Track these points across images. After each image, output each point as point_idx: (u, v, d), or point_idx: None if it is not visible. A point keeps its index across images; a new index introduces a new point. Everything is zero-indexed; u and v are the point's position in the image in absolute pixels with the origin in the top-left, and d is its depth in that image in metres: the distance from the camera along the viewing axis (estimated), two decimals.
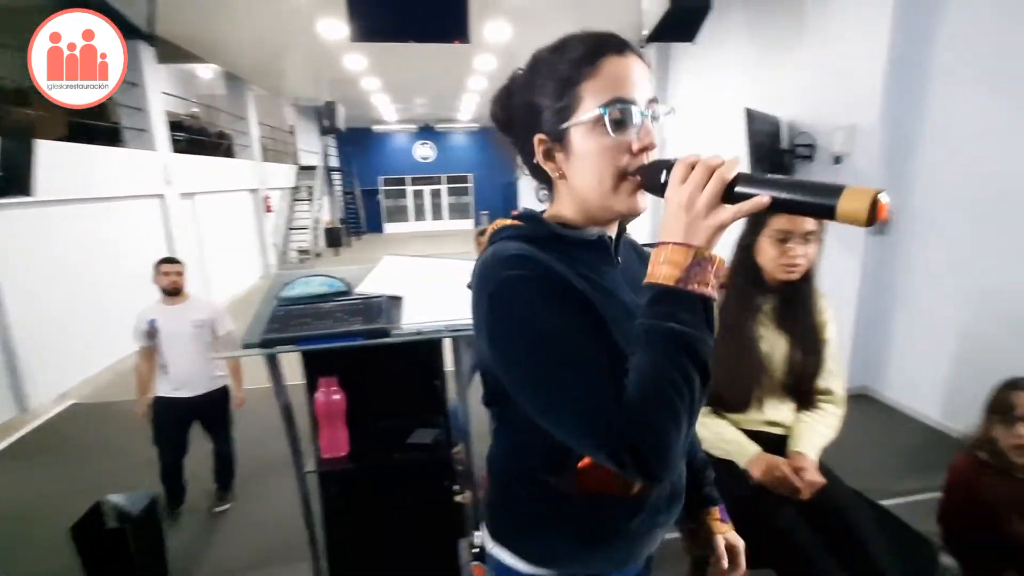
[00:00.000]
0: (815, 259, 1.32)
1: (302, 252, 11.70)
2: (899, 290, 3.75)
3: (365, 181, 17.53)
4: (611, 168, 0.64)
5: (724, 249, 0.68)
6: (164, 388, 2.52)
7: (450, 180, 18.64)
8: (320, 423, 1.28)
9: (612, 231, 0.74)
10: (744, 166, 2.64)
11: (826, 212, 0.52)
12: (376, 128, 17.14)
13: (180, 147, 7.24)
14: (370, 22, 3.48)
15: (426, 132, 17.76)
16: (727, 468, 1.27)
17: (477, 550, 1.34)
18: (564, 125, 0.65)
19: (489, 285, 0.63)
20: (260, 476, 2.95)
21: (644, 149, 0.64)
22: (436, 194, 18.80)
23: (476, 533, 1.40)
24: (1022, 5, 2.89)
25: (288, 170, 12.25)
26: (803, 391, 1.36)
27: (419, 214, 18.82)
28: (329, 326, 1.19)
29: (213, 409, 2.63)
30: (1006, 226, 3.01)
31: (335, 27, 6.26)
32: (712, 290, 0.56)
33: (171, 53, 6.98)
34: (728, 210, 0.56)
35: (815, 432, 1.31)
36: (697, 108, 6.20)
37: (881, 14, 3.50)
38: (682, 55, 6.30)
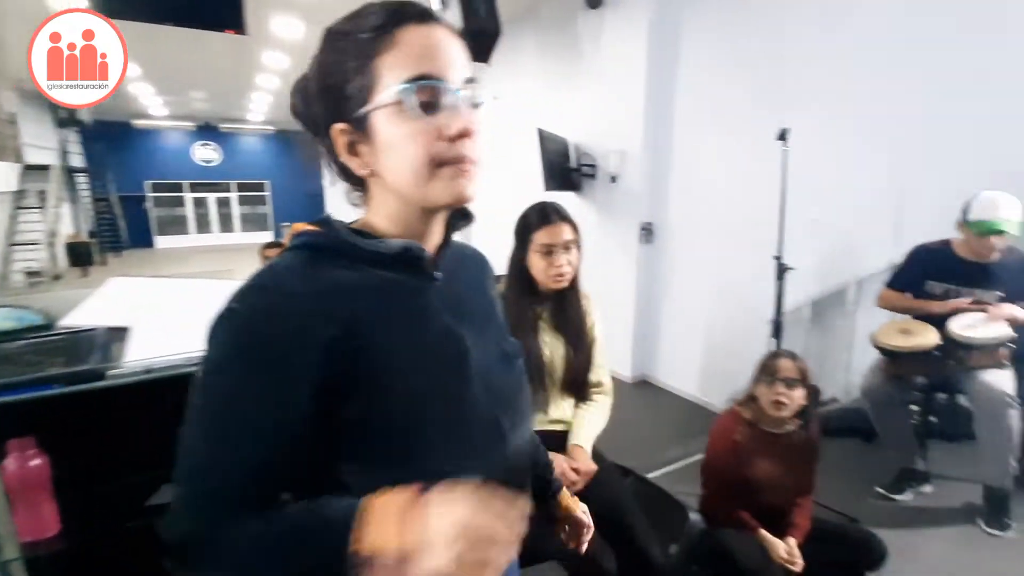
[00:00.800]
0: (578, 265, 1.47)
1: (32, 274, 9.16)
2: (665, 289, 4.43)
3: (126, 186, 14.51)
4: (423, 154, 0.53)
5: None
6: None
7: (242, 187, 16.54)
8: (13, 499, 0.93)
9: (433, 240, 0.62)
10: (539, 182, 2.77)
11: None
12: (138, 123, 14.36)
13: None
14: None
15: (208, 132, 15.46)
16: None
17: None
18: (363, 110, 0.54)
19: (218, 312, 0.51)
20: None
21: (461, 136, 0.54)
22: (225, 203, 16.49)
23: None
24: (729, 69, 3.67)
25: (5, 169, 9.49)
26: (579, 387, 1.50)
27: (203, 225, 16.27)
28: (15, 372, 0.87)
29: None
30: (737, 233, 3.75)
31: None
32: None
33: None
34: None
35: (589, 424, 1.47)
36: (493, 125, 6.54)
37: (638, 66, 4.15)
38: (483, 75, 6.58)
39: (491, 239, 5.91)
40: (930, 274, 2.16)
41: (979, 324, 1.96)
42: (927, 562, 1.77)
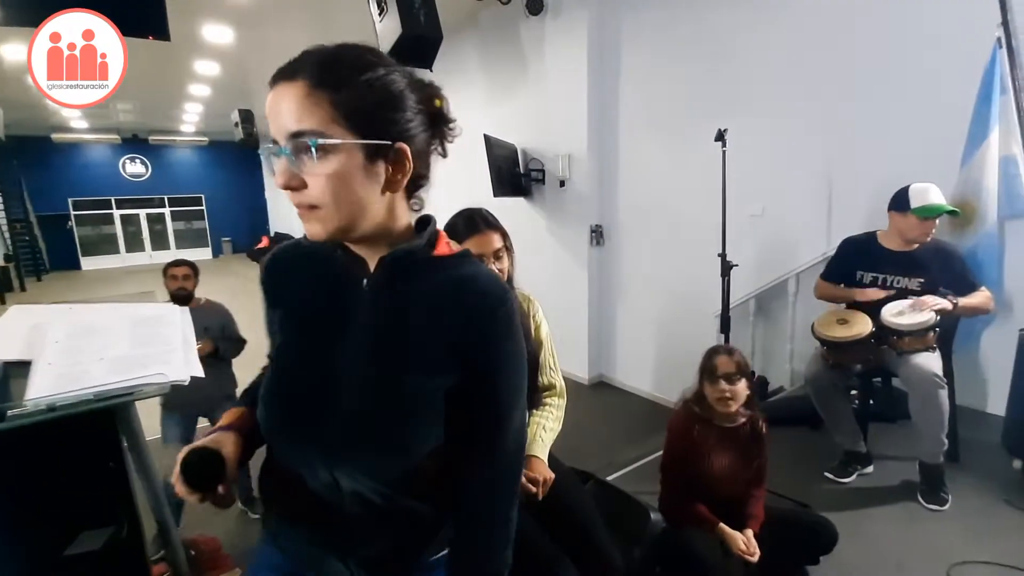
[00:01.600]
0: (511, 270, 1.41)
1: None
2: (618, 289, 4.49)
3: (46, 204, 13.47)
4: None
5: None
6: None
7: (175, 203, 15.67)
8: None
9: (374, 252, 0.69)
10: (487, 187, 2.77)
11: None
12: (58, 138, 13.37)
13: None
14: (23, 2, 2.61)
15: (136, 145, 14.56)
16: None
17: None
18: None
19: None
20: None
21: (287, 188, 0.62)
22: (158, 219, 15.56)
23: None
24: (668, 74, 3.78)
25: None
26: (529, 394, 1.44)
27: (134, 244, 15.29)
28: None
29: None
30: (683, 232, 3.85)
31: None
32: None
33: None
34: None
35: (545, 431, 1.41)
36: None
37: (580, 72, 4.22)
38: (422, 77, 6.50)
39: None
40: (859, 264, 2.28)
41: (908, 311, 2.08)
42: (873, 541, 1.85)
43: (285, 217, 15.08)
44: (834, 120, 2.95)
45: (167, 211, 15.62)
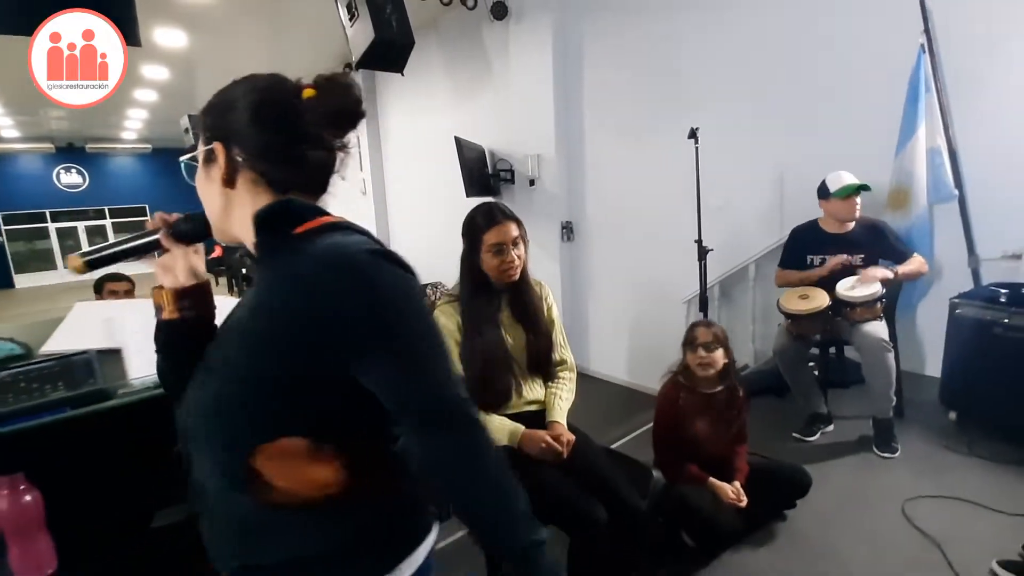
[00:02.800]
0: (526, 258, 1.57)
1: None
2: (590, 283, 4.70)
3: None
4: None
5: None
6: None
7: (116, 214, 14.89)
8: (9, 539, 0.86)
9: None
10: (459, 188, 2.93)
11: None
12: None
13: None
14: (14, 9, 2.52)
15: (72, 154, 13.78)
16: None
17: None
18: None
19: None
20: None
21: None
22: (99, 231, 14.73)
23: None
24: (630, 75, 4.02)
25: None
26: (544, 368, 1.61)
27: None
28: (21, 400, 0.81)
29: None
30: (649, 224, 4.09)
31: None
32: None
33: None
34: None
35: (562, 400, 1.59)
36: (412, 133, 6.55)
37: (545, 74, 4.40)
38: (392, 82, 6.53)
39: (418, 243, 6.00)
40: (807, 249, 2.56)
41: (857, 285, 2.35)
42: (838, 487, 2.10)
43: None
44: (783, 119, 3.25)
45: (108, 223, 14.82)
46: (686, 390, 1.89)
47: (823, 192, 2.48)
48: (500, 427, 1.45)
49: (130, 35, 3.16)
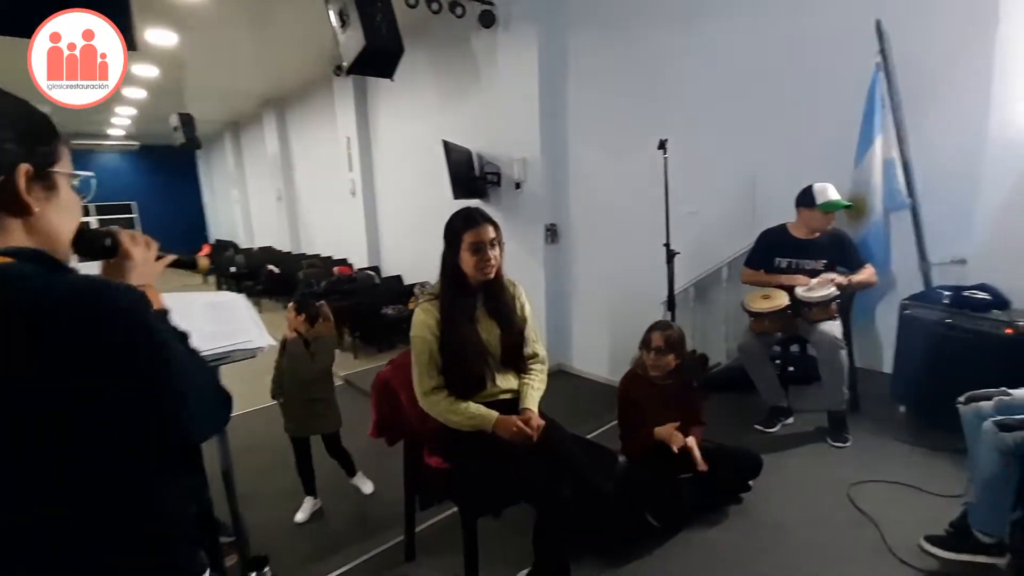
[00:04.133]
0: (501, 258, 1.70)
1: None
2: (572, 283, 4.85)
3: None
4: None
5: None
6: None
7: (103, 211, 14.78)
8: None
9: None
10: (447, 190, 3.13)
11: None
12: None
13: None
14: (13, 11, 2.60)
15: None
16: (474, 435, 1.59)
17: None
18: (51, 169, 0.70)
19: None
20: None
21: None
22: None
23: None
24: (611, 85, 4.19)
25: None
26: (517, 361, 1.75)
27: None
28: None
29: None
30: (629, 228, 4.26)
31: None
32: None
33: None
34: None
35: (533, 389, 1.73)
36: (400, 135, 6.67)
37: (531, 81, 4.55)
38: (382, 85, 6.63)
39: (404, 243, 6.11)
40: (774, 251, 2.73)
41: (815, 287, 2.52)
42: (792, 472, 2.27)
43: (224, 223, 14.60)
44: (755, 131, 3.43)
45: (93, 220, 14.68)
46: (642, 380, 2.06)
47: (807, 200, 2.61)
48: (476, 412, 1.59)
49: (126, 37, 3.27)
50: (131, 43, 3.28)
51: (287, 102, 9.62)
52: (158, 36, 5.94)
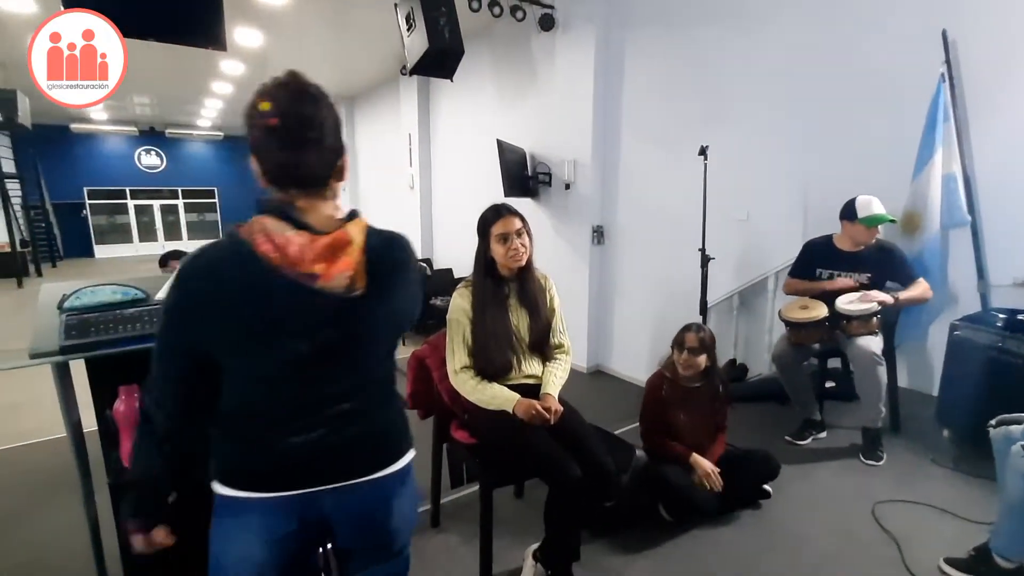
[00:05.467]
0: (531, 249, 1.82)
1: None
2: (616, 286, 4.89)
3: (61, 193, 13.87)
4: None
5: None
6: None
7: (188, 195, 16.08)
8: (123, 434, 1.19)
9: None
10: (499, 188, 3.29)
11: None
12: (77, 127, 13.77)
13: None
14: (97, 10, 2.99)
15: (152, 137, 14.96)
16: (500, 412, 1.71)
17: None
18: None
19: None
20: None
21: None
22: (171, 210, 15.97)
23: None
24: (663, 91, 4.19)
25: None
26: (543, 349, 1.87)
27: (147, 233, 15.68)
28: (142, 330, 1.13)
29: None
30: (675, 234, 4.26)
31: (23, 2, 5.14)
32: None
33: None
34: None
35: (556, 377, 1.83)
36: (458, 133, 6.91)
37: (587, 84, 4.62)
38: (443, 84, 6.91)
39: (457, 238, 6.40)
40: (818, 263, 2.69)
41: (856, 300, 2.48)
42: (817, 483, 2.26)
43: None
44: (809, 139, 3.36)
45: (180, 203, 16.02)
46: (670, 382, 2.11)
47: (849, 213, 2.58)
48: (499, 393, 1.72)
49: (218, 41, 3.62)
50: (221, 45, 3.66)
51: (355, 98, 10.13)
52: (246, 35, 6.44)
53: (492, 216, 1.77)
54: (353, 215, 0.91)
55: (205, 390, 0.87)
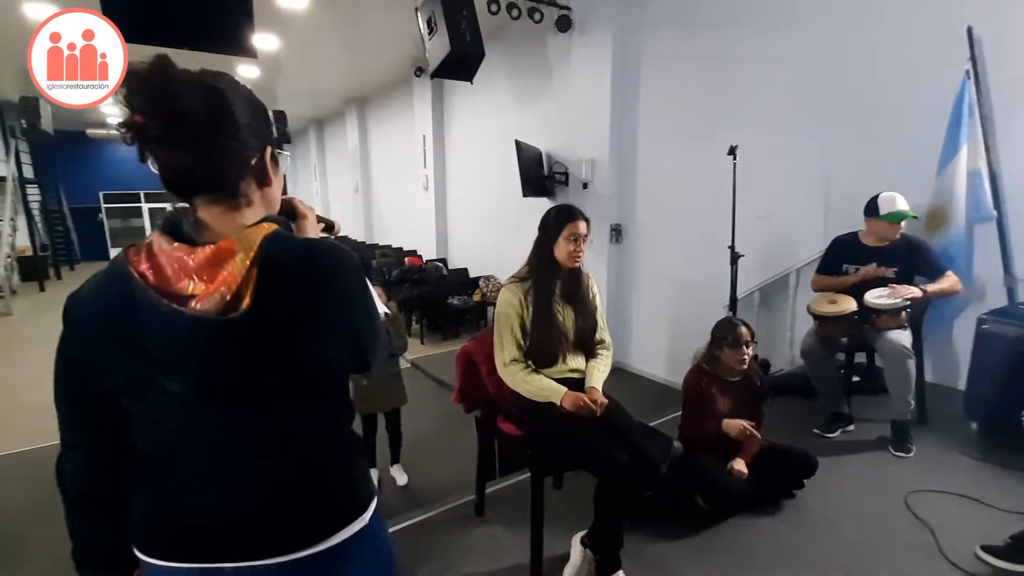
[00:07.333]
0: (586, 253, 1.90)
1: None
2: (634, 283, 4.94)
3: (78, 197, 14.09)
4: None
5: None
6: None
7: None
8: None
9: None
10: (516, 188, 3.37)
11: None
12: (93, 133, 13.93)
13: None
14: (132, 20, 3.08)
15: None
16: (548, 405, 1.76)
17: None
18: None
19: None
20: None
21: None
22: (184, 213, 16.10)
23: None
24: (682, 90, 4.24)
25: None
26: (588, 346, 1.93)
27: None
28: None
29: None
30: (693, 232, 4.30)
31: (46, 10, 5.25)
32: None
33: None
34: None
35: (599, 371, 1.90)
36: (474, 133, 6.98)
37: (604, 84, 4.68)
38: (459, 85, 6.97)
39: (472, 238, 6.48)
40: (844, 259, 2.73)
41: (885, 295, 2.52)
42: (848, 475, 2.30)
43: None
44: (831, 136, 3.40)
45: None
46: (710, 376, 2.16)
47: (872, 210, 2.61)
48: (548, 385, 1.78)
49: (246, 49, 3.71)
50: (251, 52, 3.74)
51: (368, 101, 10.22)
52: (263, 40, 6.53)
53: (566, 216, 1.84)
54: (262, 221, 0.73)
55: (114, 434, 0.75)
